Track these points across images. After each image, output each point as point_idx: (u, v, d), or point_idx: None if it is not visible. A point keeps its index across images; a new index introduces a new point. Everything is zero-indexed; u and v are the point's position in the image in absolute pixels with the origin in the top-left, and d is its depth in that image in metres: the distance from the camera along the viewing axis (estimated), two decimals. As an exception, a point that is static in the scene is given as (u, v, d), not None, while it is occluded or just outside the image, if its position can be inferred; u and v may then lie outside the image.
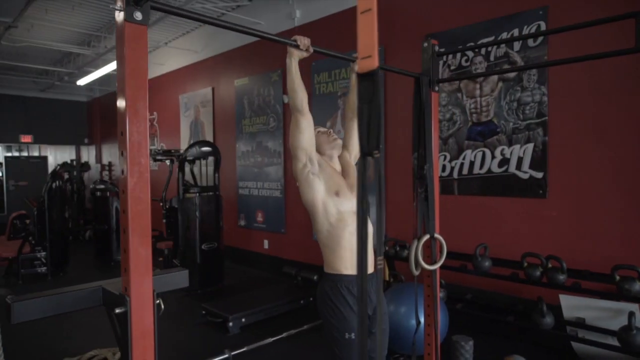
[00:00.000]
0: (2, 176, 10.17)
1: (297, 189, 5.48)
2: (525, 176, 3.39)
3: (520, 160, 3.41)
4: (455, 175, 3.79)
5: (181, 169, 4.96)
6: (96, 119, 10.67)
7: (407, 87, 4.15)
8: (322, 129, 2.10)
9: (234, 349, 3.15)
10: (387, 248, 3.92)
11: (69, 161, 8.85)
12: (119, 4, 1.17)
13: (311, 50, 1.74)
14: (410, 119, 2.39)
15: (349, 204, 1.93)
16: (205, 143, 5.25)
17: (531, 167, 3.36)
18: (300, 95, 1.80)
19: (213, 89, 6.59)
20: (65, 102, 10.18)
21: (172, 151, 5.50)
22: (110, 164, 9.97)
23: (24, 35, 6.56)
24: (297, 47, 1.69)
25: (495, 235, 3.53)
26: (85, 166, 8.77)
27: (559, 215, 3.21)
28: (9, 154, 10.85)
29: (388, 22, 4.33)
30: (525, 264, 3.05)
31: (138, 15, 1.19)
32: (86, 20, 6.41)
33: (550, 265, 2.95)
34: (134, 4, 1.18)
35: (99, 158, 10.67)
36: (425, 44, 2.34)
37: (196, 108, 6.98)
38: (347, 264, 1.90)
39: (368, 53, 0.58)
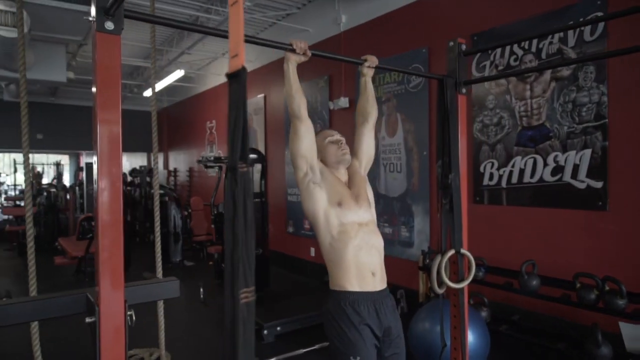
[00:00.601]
0: (84, 181, 11.08)
1: None
2: (582, 186, 3.03)
3: (576, 168, 3.06)
4: (503, 184, 3.50)
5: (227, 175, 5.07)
6: (164, 127, 11.32)
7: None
8: (333, 138, 1.94)
9: (263, 359, 3.13)
10: (427, 260, 3.71)
11: (138, 167, 9.47)
12: (92, 14, 1.18)
13: (309, 54, 1.66)
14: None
15: (353, 215, 1.80)
16: (251, 150, 5.33)
17: (589, 175, 3.00)
18: (297, 100, 1.72)
19: (265, 97, 6.71)
20: (137, 112, 10.90)
21: (222, 158, 5.65)
22: (175, 170, 10.52)
23: (88, 52, 7.12)
24: (293, 51, 1.61)
25: (545, 251, 3.19)
26: (152, 172, 9.31)
27: (620, 230, 2.83)
28: (89, 161, 11.85)
29: (431, 23, 4.12)
30: (578, 285, 2.71)
31: (109, 25, 1.19)
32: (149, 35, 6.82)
33: (607, 288, 2.60)
34: (105, 14, 1.18)
35: (165, 164, 11.30)
36: (451, 43, 2.18)
37: (249, 116, 7.14)
38: (352, 280, 1.75)
39: (235, 51, 0.50)
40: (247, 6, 4.85)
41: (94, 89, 1.21)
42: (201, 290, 4.90)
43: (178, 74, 7.09)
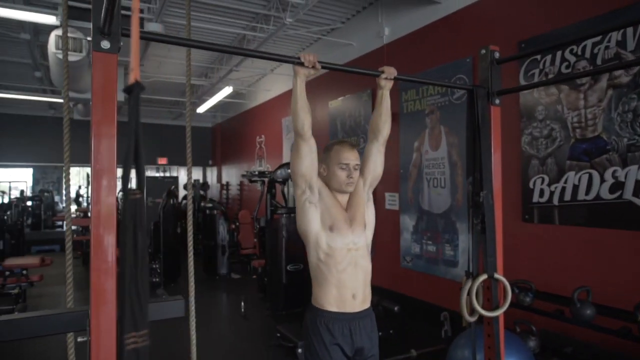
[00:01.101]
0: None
1: (386, 212, 5.26)
2: (646, 204, 2.71)
3: (638, 184, 2.74)
4: (555, 201, 3.21)
5: (269, 189, 5.10)
6: (218, 142, 11.71)
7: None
8: (345, 163, 1.81)
9: (295, 378, 3.05)
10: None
11: (192, 181, 9.82)
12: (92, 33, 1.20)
13: (318, 67, 1.59)
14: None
15: (343, 240, 1.79)
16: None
17: (653, 193, 2.67)
18: (302, 117, 1.66)
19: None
20: (193, 128, 11.43)
21: (266, 172, 5.71)
22: (227, 184, 10.81)
23: (154, 71, 7.53)
24: (301, 64, 1.55)
25: (602, 277, 2.87)
26: (205, 185, 9.63)
27: (692, 256, 2.48)
28: (148, 174, 12.49)
29: (475, 31, 3.93)
30: (641, 317, 2.39)
31: (105, 44, 1.19)
32: (202, 55, 7.12)
33: (675, 322, 2.27)
34: (101, 34, 1.19)
35: (219, 178, 11.66)
36: (483, 51, 2.03)
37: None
38: (330, 300, 1.79)
39: (132, 65, 0.45)
40: (289, 23, 4.90)
41: (91, 105, 1.21)
42: (242, 304, 4.92)
43: (227, 90, 7.31)
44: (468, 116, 2.00)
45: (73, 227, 9.40)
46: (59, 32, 4.42)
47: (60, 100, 7.29)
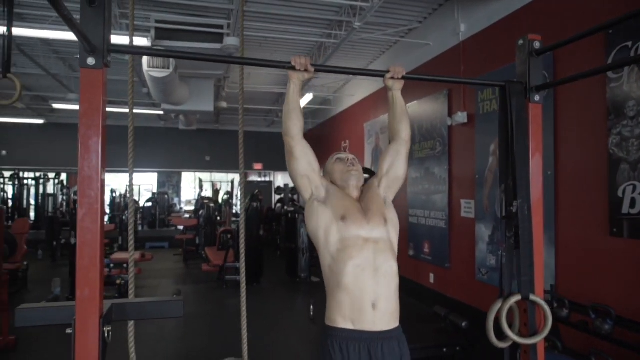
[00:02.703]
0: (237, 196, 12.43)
1: (462, 220, 4.99)
2: None
3: None
4: (649, 212, 2.71)
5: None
6: (309, 148, 12.03)
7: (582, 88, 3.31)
8: (341, 156, 1.82)
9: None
10: (542, 302, 3.08)
11: (282, 185, 10.23)
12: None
13: (311, 69, 1.55)
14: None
15: (358, 229, 1.56)
16: (366, 170, 5.25)
17: None
18: (294, 120, 1.63)
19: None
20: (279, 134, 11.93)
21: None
22: (317, 188, 11.04)
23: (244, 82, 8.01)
24: (293, 68, 1.52)
25: None
26: (294, 190, 9.95)
27: None
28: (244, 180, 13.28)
29: (558, 19, 3.49)
30: None
31: (91, 61, 1.29)
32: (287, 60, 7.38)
33: None
34: (87, 51, 1.29)
35: (310, 183, 11.96)
36: (520, 41, 1.81)
37: (376, 135, 7.09)
38: (344, 311, 1.52)
39: None
40: (358, 27, 4.85)
41: (79, 115, 1.31)
42: (311, 307, 4.97)
43: (308, 97, 7.48)
44: (500, 115, 1.78)
45: (179, 227, 10.35)
46: (150, 51, 4.93)
47: (158, 112, 8.09)
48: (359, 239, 1.55)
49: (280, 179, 13.62)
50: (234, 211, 10.13)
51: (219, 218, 9.62)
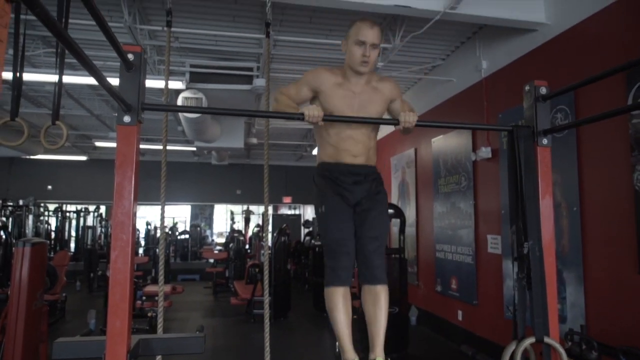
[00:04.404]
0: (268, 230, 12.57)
1: (489, 256, 4.92)
2: None
3: None
4: (679, 251, 2.64)
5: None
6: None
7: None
8: (367, 38, 1.96)
9: None
10: (570, 344, 3.00)
11: (310, 219, 10.32)
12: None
13: (321, 124, 1.68)
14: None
15: (345, 130, 1.98)
16: (389, 205, 5.30)
17: None
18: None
19: (415, 150, 6.65)
20: (309, 168, 12.13)
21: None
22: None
23: (273, 119, 8.29)
24: (303, 119, 1.66)
25: None
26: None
27: None
28: (274, 212, 13.47)
29: (580, 56, 3.53)
30: None
31: (126, 119, 1.47)
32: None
33: None
34: (123, 110, 1.46)
35: (338, 216, 12.01)
36: (527, 87, 1.89)
37: (402, 169, 7.14)
38: (330, 154, 2.04)
39: None
40: (381, 65, 5.02)
41: (115, 166, 1.47)
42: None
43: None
44: (509, 158, 1.85)
45: (210, 260, 10.54)
46: (185, 94, 5.24)
47: (192, 149, 8.42)
48: (343, 134, 2.00)
49: (309, 212, 13.74)
50: (263, 244, 10.26)
51: (249, 251, 9.77)
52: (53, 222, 12.00)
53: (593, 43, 3.41)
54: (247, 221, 11.86)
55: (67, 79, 5.02)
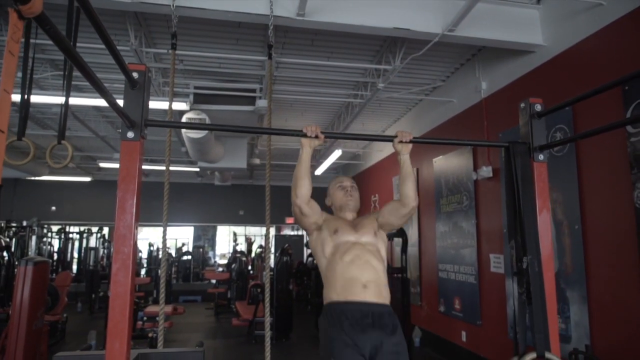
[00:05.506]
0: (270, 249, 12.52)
1: (492, 276, 4.91)
2: None
3: None
4: (681, 269, 2.63)
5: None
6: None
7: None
8: (342, 184, 2.12)
9: None
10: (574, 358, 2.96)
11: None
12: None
13: (321, 137, 1.71)
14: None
15: (349, 236, 1.90)
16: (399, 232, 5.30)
17: None
18: (306, 185, 1.81)
19: (417, 170, 6.68)
20: (320, 188, 12.16)
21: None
22: (348, 242, 11.04)
23: (275, 140, 8.37)
24: (304, 135, 1.69)
25: None
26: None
27: None
28: (277, 233, 13.44)
29: (577, 75, 3.59)
30: None
31: (130, 134, 1.50)
32: (317, 119, 7.73)
33: None
34: (127, 126, 1.51)
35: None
36: (522, 105, 1.93)
37: (404, 189, 7.15)
38: (338, 290, 1.85)
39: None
40: (382, 87, 5.10)
41: (118, 180, 1.50)
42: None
43: (337, 154, 7.71)
44: (506, 174, 1.87)
45: (212, 281, 10.47)
46: (188, 114, 5.32)
47: (195, 169, 8.48)
48: (348, 242, 1.89)
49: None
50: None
51: (251, 272, 9.71)
52: (56, 243, 12.01)
53: (589, 64, 3.47)
54: (249, 246, 11.81)
55: (74, 100, 5.12)
